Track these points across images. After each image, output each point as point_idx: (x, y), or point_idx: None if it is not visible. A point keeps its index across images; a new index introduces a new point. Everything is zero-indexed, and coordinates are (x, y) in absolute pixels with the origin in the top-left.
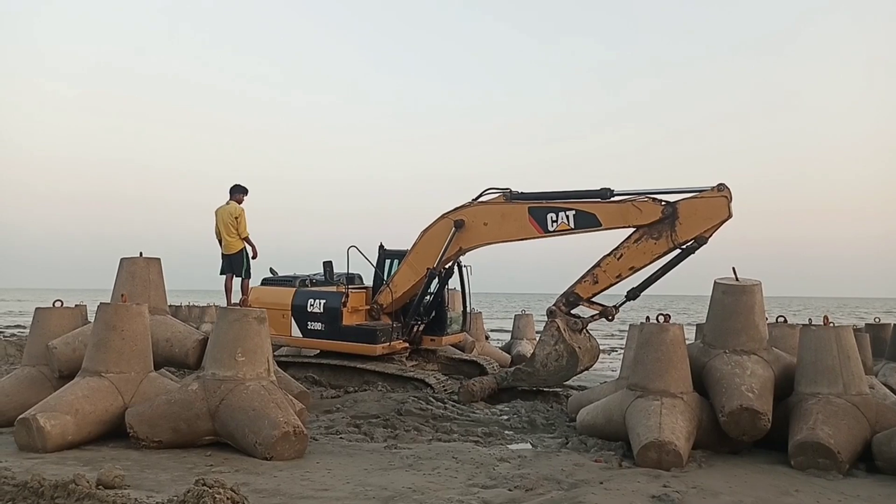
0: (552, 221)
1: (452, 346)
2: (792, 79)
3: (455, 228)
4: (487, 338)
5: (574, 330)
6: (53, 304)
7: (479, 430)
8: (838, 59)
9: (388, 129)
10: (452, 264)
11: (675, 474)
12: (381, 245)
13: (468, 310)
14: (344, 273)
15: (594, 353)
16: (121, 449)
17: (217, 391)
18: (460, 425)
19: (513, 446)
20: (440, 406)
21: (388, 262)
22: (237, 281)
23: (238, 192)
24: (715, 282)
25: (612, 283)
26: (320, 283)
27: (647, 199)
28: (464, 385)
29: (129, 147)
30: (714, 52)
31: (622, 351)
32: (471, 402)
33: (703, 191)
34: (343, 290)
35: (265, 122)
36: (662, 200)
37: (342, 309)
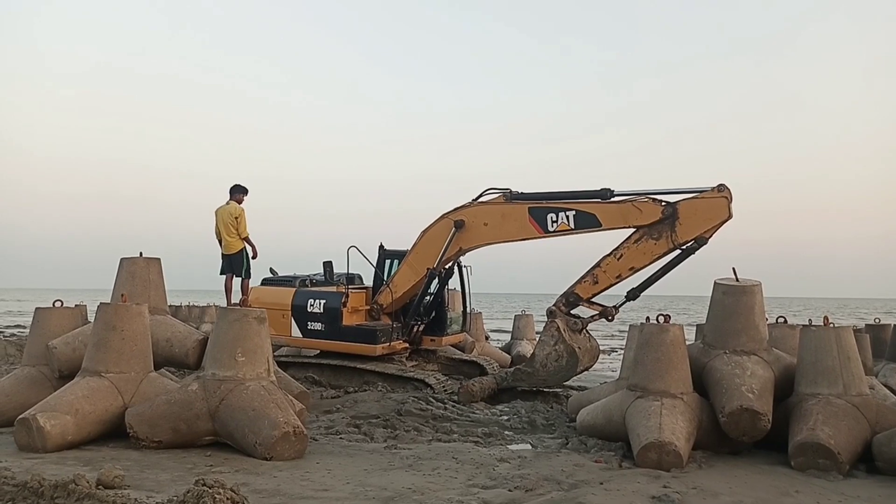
0: (552, 222)
1: (452, 346)
2: (793, 79)
3: (455, 229)
4: (487, 338)
5: (574, 330)
6: (53, 304)
7: (479, 430)
8: (839, 59)
9: (388, 129)
10: (452, 264)
11: (675, 475)
12: (381, 245)
13: (468, 310)
14: (344, 273)
15: (594, 353)
16: (121, 449)
17: (217, 391)
18: (460, 426)
19: (513, 447)
20: (440, 406)
21: (388, 262)
22: (237, 281)
23: (238, 192)
24: (715, 282)
25: (612, 284)
26: (320, 284)
27: (647, 199)
28: (464, 385)
29: (129, 147)
30: (715, 52)
31: (622, 351)
32: (471, 402)
33: (704, 191)
34: (343, 290)
35: (265, 123)
36: (662, 201)
37: (342, 309)
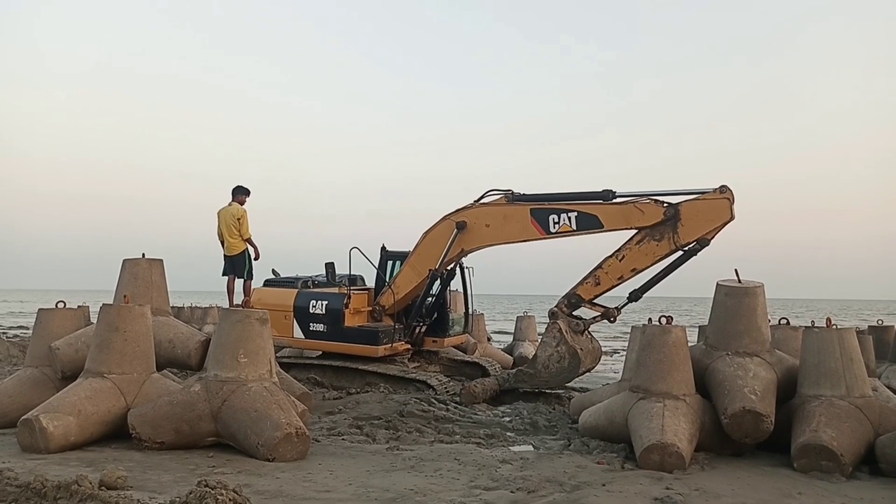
0: (554, 223)
1: (454, 347)
2: (795, 79)
3: (457, 230)
4: (489, 339)
5: (576, 331)
6: (56, 306)
7: (482, 431)
8: (840, 59)
9: (388, 129)
10: (454, 266)
11: (677, 476)
12: (384, 246)
13: (470, 311)
14: (346, 274)
15: (596, 354)
16: (123, 450)
17: (219, 392)
18: (462, 427)
19: (515, 448)
20: (442, 408)
21: (390, 263)
22: (239, 282)
23: (240, 194)
24: (717, 284)
25: (614, 285)
26: (322, 285)
27: (649, 200)
28: (466, 387)
29: (130, 147)
30: (715, 52)
31: (624, 353)
32: (473, 403)
33: (705, 192)
34: (345, 291)
35: (265, 123)
36: (664, 202)
37: (344, 310)
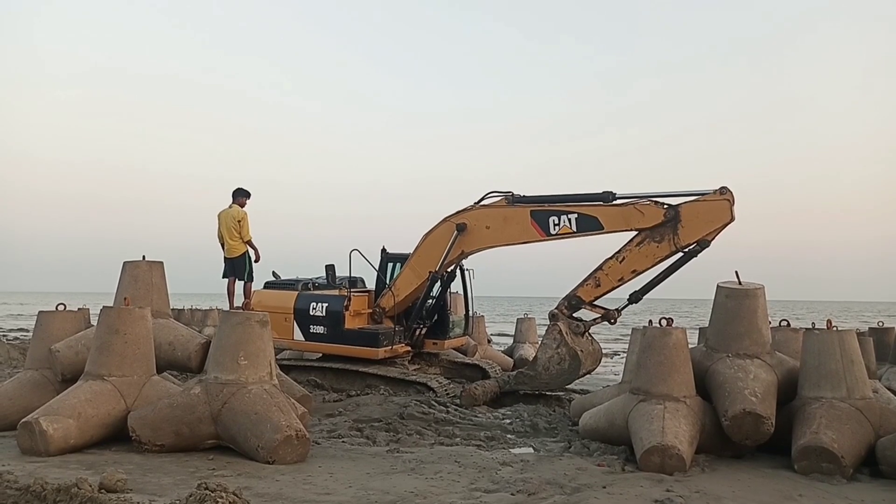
0: (554, 225)
1: (455, 349)
2: (795, 79)
3: (457, 232)
4: (490, 341)
5: (576, 333)
6: (56, 308)
7: (482, 433)
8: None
9: (388, 130)
10: (455, 268)
11: (678, 479)
12: (384, 248)
13: (470, 313)
14: (346, 276)
15: (596, 356)
16: (123, 452)
17: (219, 395)
18: (463, 429)
19: (515, 450)
20: (442, 410)
21: (390, 265)
22: (240, 284)
23: (241, 196)
24: (718, 285)
25: (614, 287)
26: (323, 287)
27: (649, 202)
28: (466, 389)
29: (130, 149)
30: (715, 52)
31: (625, 355)
32: (473, 405)
33: (706, 194)
34: (345, 293)
35: (265, 124)
36: (664, 203)
37: (344, 312)
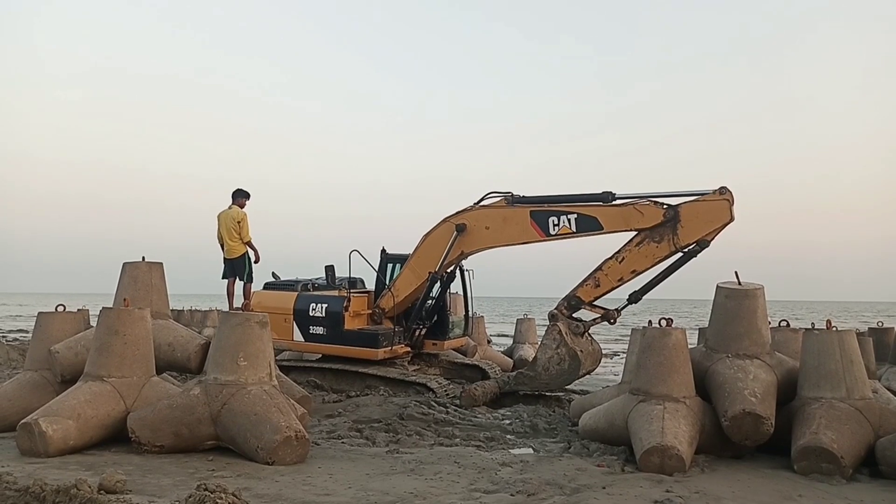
0: (554, 225)
1: (454, 350)
2: (795, 79)
3: (457, 232)
4: (489, 342)
5: (576, 333)
6: (56, 309)
7: (482, 434)
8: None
9: (388, 131)
10: (454, 268)
11: (677, 479)
12: (384, 249)
13: (470, 314)
14: (346, 277)
15: (596, 356)
16: (123, 453)
17: (219, 396)
18: (462, 430)
19: (515, 451)
20: (442, 410)
21: (390, 266)
22: (239, 285)
23: (240, 197)
24: (717, 286)
25: (613, 287)
26: (322, 288)
27: (648, 202)
28: (466, 389)
29: (130, 149)
30: (715, 52)
31: (624, 355)
32: (473, 406)
33: (705, 194)
34: (345, 294)
35: (265, 124)
36: (664, 204)
37: (344, 313)
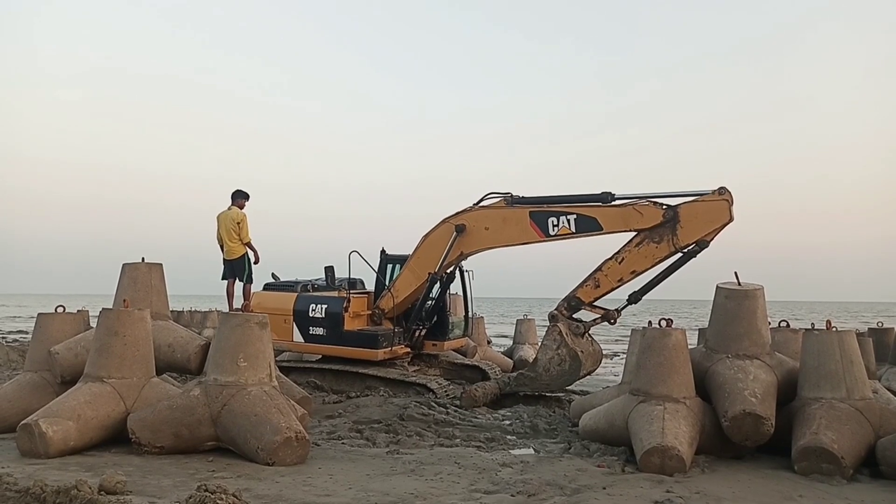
0: (553, 225)
1: (454, 350)
2: (795, 80)
3: (456, 233)
4: (489, 343)
5: (576, 334)
6: (56, 310)
7: (482, 435)
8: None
9: (388, 131)
10: (454, 269)
11: (678, 479)
12: (383, 250)
13: (470, 314)
14: (345, 278)
15: (597, 357)
16: (123, 454)
17: (219, 396)
18: (462, 430)
19: (515, 451)
20: (442, 411)
21: (389, 266)
22: (239, 286)
23: (240, 198)
24: (717, 286)
25: (613, 287)
26: (322, 288)
27: (648, 202)
28: (466, 390)
29: (129, 150)
30: (715, 52)
31: (624, 356)
32: (473, 407)
33: (704, 194)
34: (345, 295)
35: (265, 124)
36: (663, 204)
37: (344, 314)
